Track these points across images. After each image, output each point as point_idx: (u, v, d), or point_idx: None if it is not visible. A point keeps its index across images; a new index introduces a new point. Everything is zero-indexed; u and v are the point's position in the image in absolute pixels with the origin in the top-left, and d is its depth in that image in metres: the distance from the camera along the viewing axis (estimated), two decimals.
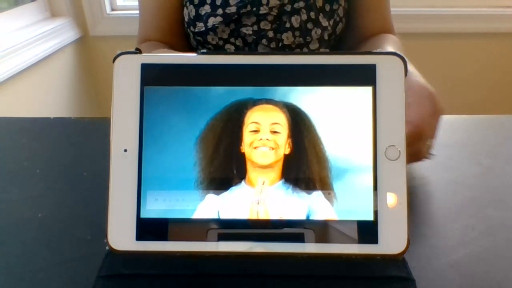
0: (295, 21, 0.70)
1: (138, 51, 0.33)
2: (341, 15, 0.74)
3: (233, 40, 0.72)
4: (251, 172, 0.32)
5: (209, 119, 0.33)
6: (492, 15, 1.62)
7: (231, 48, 0.73)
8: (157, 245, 0.32)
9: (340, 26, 0.75)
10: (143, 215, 0.32)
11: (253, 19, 0.70)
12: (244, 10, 0.69)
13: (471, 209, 0.40)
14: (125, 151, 0.32)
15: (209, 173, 0.32)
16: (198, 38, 0.74)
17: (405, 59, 0.32)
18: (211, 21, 0.70)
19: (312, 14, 0.71)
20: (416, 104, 0.41)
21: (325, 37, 0.73)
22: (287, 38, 0.71)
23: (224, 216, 0.32)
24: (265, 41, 0.71)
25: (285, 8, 0.70)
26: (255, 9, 0.69)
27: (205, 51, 0.33)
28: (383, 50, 0.64)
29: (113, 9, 1.65)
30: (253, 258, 0.32)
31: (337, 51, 0.77)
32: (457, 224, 0.38)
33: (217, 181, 0.32)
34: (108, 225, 0.32)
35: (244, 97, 0.33)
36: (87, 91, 1.67)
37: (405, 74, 0.32)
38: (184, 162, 0.33)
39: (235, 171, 0.32)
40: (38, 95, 1.39)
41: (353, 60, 0.32)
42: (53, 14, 1.56)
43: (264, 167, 0.32)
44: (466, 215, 0.39)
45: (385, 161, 0.31)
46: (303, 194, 0.32)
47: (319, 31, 0.72)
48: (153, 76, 0.33)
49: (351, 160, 0.32)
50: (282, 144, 0.32)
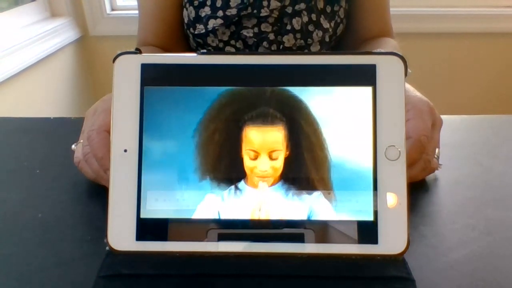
0: (296, 23, 0.70)
1: (138, 51, 0.33)
2: (342, 16, 0.74)
3: (233, 42, 0.72)
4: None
5: (208, 119, 0.33)
6: (492, 15, 1.62)
7: (231, 50, 0.73)
8: (157, 245, 0.32)
9: (341, 27, 0.75)
10: (143, 215, 0.32)
11: (254, 21, 0.70)
12: (244, 12, 0.69)
13: (471, 209, 0.40)
14: (125, 151, 0.32)
15: (209, 173, 0.32)
16: (198, 40, 0.74)
17: (405, 59, 0.32)
18: (211, 23, 0.70)
19: (313, 16, 0.71)
20: (415, 118, 0.41)
21: (326, 39, 0.73)
22: (288, 40, 0.71)
23: (224, 216, 0.32)
24: (265, 43, 0.71)
25: (286, 10, 0.70)
26: (255, 11, 0.69)
27: (205, 51, 0.33)
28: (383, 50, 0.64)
29: (113, 9, 1.65)
30: (253, 258, 0.32)
31: (337, 51, 0.77)
32: (457, 224, 0.38)
33: (217, 181, 0.32)
34: (108, 225, 0.32)
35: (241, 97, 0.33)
36: (87, 91, 1.67)
37: (405, 74, 0.32)
38: (184, 162, 0.33)
39: (235, 172, 0.32)
40: (38, 95, 1.39)
41: (353, 60, 0.32)
42: (53, 14, 1.56)
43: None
44: (466, 215, 0.39)
45: (385, 161, 0.31)
46: (303, 194, 0.32)
47: (320, 33, 0.72)
48: (153, 76, 0.33)
49: (351, 160, 0.32)
50: (281, 159, 0.32)
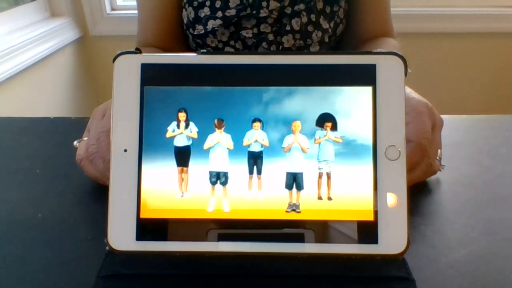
0: (296, 23, 0.70)
1: (138, 51, 0.33)
2: (341, 17, 0.74)
3: (232, 43, 0.72)
4: None
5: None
6: (492, 15, 1.62)
7: (230, 50, 0.73)
8: (157, 245, 0.32)
9: (340, 27, 0.75)
10: (143, 215, 0.32)
11: (253, 22, 0.70)
12: (244, 13, 0.69)
13: (471, 209, 0.40)
14: (125, 151, 0.32)
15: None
16: (197, 40, 0.74)
17: (405, 59, 0.32)
18: (211, 24, 0.70)
19: (312, 16, 0.71)
20: (415, 121, 0.40)
21: (326, 40, 0.73)
22: (288, 41, 0.71)
23: (224, 214, 0.32)
24: (265, 44, 0.71)
25: (285, 10, 0.70)
26: (255, 12, 0.69)
27: (205, 51, 0.33)
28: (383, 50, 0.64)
29: (113, 9, 1.65)
30: (253, 258, 0.32)
31: (337, 51, 0.77)
32: (457, 224, 0.38)
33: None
34: (108, 225, 0.32)
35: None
36: (87, 91, 1.67)
37: (405, 74, 0.32)
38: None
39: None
40: (38, 95, 1.39)
41: (353, 60, 0.32)
42: (53, 14, 1.56)
43: None
44: (466, 215, 0.39)
45: (385, 161, 0.31)
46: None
47: (320, 33, 0.72)
48: (153, 76, 0.33)
49: (351, 160, 0.32)
50: None
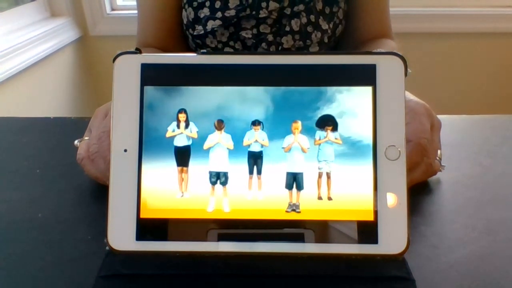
0: (295, 24, 0.70)
1: (138, 51, 0.33)
2: (340, 17, 0.74)
3: (232, 43, 0.72)
4: None
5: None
6: (492, 15, 1.62)
7: (230, 51, 0.73)
8: (157, 245, 0.32)
9: (340, 28, 0.75)
10: (143, 215, 0.32)
11: (253, 23, 0.70)
12: (243, 13, 0.69)
13: (471, 209, 0.40)
14: (125, 151, 0.32)
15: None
16: (196, 41, 0.74)
17: (405, 59, 0.32)
18: (210, 24, 0.70)
19: (312, 17, 0.71)
20: (414, 122, 0.41)
21: (325, 40, 0.73)
22: (287, 41, 0.71)
23: (224, 214, 0.32)
24: (264, 44, 0.71)
25: (285, 11, 0.70)
26: (254, 12, 0.69)
27: (205, 51, 0.33)
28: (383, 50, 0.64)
29: (113, 9, 1.65)
30: (253, 258, 0.32)
31: (337, 51, 0.77)
32: (457, 224, 0.38)
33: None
34: (108, 225, 0.32)
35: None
36: (87, 91, 1.67)
37: (405, 74, 0.32)
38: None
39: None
40: (38, 95, 1.39)
41: (353, 60, 0.32)
42: (53, 14, 1.56)
43: None
44: (466, 215, 0.39)
45: (385, 161, 0.31)
46: None
47: (319, 34, 0.72)
48: (153, 76, 0.33)
49: (351, 160, 0.32)
50: None
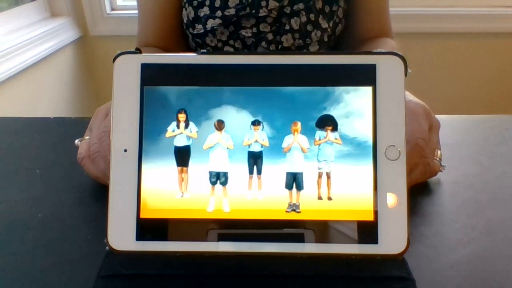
0: (295, 23, 0.70)
1: (138, 51, 0.33)
2: (340, 16, 0.74)
3: (232, 42, 0.72)
4: None
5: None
6: (492, 15, 1.62)
7: (230, 50, 0.73)
8: (157, 245, 0.32)
9: (339, 27, 0.75)
10: (143, 215, 0.32)
11: (253, 22, 0.70)
12: (243, 12, 0.69)
13: (471, 209, 0.40)
14: (125, 151, 0.32)
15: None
16: (196, 40, 0.74)
17: (405, 59, 0.32)
18: (210, 23, 0.70)
19: (311, 16, 0.71)
20: (411, 123, 0.40)
21: (325, 39, 0.73)
22: (287, 40, 0.71)
23: (224, 214, 0.32)
24: (264, 43, 0.71)
25: (285, 10, 0.70)
26: (254, 11, 0.69)
27: (205, 50, 0.33)
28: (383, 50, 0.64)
29: (113, 9, 1.65)
30: (253, 258, 0.32)
31: (337, 51, 0.77)
32: (457, 224, 0.38)
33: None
34: (108, 225, 0.32)
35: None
36: (87, 91, 1.67)
37: (405, 74, 0.32)
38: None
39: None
40: (38, 95, 1.39)
41: (353, 60, 0.32)
42: (53, 14, 1.56)
43: None
44: (466, 215, 0.39)
45: (385, 161, 0.31)
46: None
47: (319, 33, 0.72)
48: (153, 76, 0.33)
49: (351, 160, 0.32)
50: None
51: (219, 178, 0.33)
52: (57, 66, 1.50)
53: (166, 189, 0.32)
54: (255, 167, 0.33)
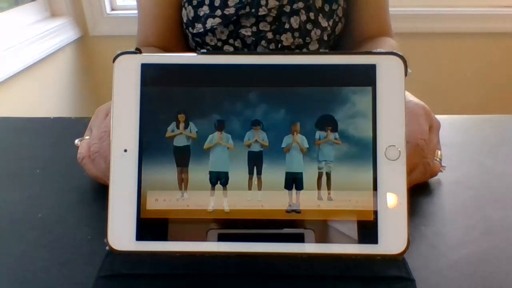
0: (294, 22, 0.70)
1: (138, 51, 0.33)
2: (340, 15, 0.74)
3: (232, 41, 0.72)
4: None
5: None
6: (492, 15, 1.62)
7: (230, 49, 0.73)
8: (157, 245, 0.32)
9: (339, 26, 0.75)
10: (143, 215, 0.32)
11: (252, 21, 0.70)
12: (243, 11, 0.69)
13: (471, 209, 0.40)
14: (125, 151, 0.32)
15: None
16: (196, 39, 0.74)
17: (405, 58, 0.32)
18: (210, 22, 0.70)
19: (311, 14, 0.71)
20: (411, 123, 0.40)
21: (325, 38, 0.73)
22: (286, 39, 0.71)
23: (224, 214, 0.32)
24: (264, 42, 0.71)
25: (284, 9, 0.70)
26: (254, 10, 0.69)
27: (205, 50, 0.33)
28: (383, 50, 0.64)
29: (113, 9, 1.65)
30: (253, 258, 0.32)
31: (337, 51, 0.77)
32: (457, 224, 0.38)
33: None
34: (108, 225, 0.32)
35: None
36: (87, 91, 1.67)
37: (405, 73, 0.32)
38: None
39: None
40: (38, 95, 1.39)
41: (353, 60, 0.32)
42: (53, 14, 1.56)
43: None
44: (466, 215, 0.39)
45: (385, 161, 0.31)
46: None
47: (319, 31, 0.72)
48: (153, 76, 0.33)
49: (351, 160, 0.32)
50: None
51: (219, 178, 0.33)
52: (57, 66, 1.50)
53: (166, 189, 0.32)
54: (255, 167, 0.33)
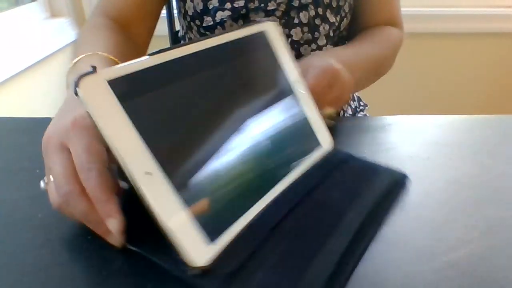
0: (303, 16, 0.71)
1: (93, 69, 0.30)
2: (346, 11, 0.75)
3: None
4: None
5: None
6: (492, 15, 1.62)
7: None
8: (230, 231, 0.33)
9: (345, 21, 0.76)
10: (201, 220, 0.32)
11: (261, 15, 0.70)
12: (252, 5, 0.69)
13: (471, 209, 0.40)
14: (148, 173, 0.30)
15: None
16: (205, 32, 0.74)
17: (278, 24, 0.44)
18: (219, 15, 0.70)
19: (319, 10, 0.72)
20: (312, 74, 0.50)
21: (331, 34, 0.74)
22: (296, 34, 0.71)
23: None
24: None
25: (293, 3, 0.70)
26: (263, 5, 0.69)
27: (154, 51, 0.33)
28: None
29: None
30: None
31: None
32: (457, 224, 0.38)
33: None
34: (181, 252, 0.30)
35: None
36: None
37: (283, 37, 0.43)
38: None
39: None
40: (38, 95, 1.39)
41: (246, 32, 0.42)
42: (53, 14, 1.56)
43: None
44: (466, 215, 0.39)
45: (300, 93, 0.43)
46: None
47: (327, 26, 0.73)
48: (124, 89, 0.31)
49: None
50: None
51: None
52: (57, 66, 1.50)
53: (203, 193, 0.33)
54: None
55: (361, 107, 0.88)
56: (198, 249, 0.31)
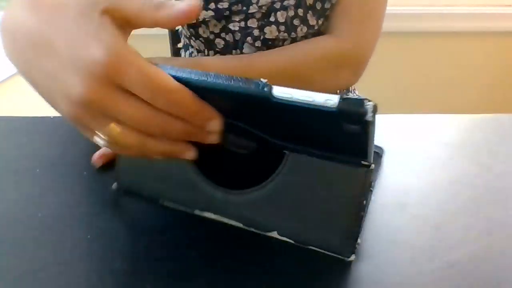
0: (281, 16, 0.70)
1: None
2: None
3: (223, 35, 0.73)
4: None
5: None
6: (492, 14, 1.62)
7: (220, 42, 0.74)
8: None
9: (325, 25, 0.75)
10: None
11: (242, 16, 0.71)
12: (235, 7, 0.69)
13: (471, 209, 0.40)
14: None
15: None
16: (190, 29, 0.75)
17: None
18: (203, 15, 0.71)
19: (300, 11, 0.71)
20: None
21: (309, 37, 0.73)
22: (271, 32, 0.71)
23: None
24: (250, 39, 0.72)
25: (275, 5, 0.70)
26: (245, 8, 0.69)
27: None
28: None
29: None
30: None
31: None
32: (457, 224, 0.38)
33: None
34: None
35: None
36: None
37: None
38: None
39: None
40: (38, 95, 1.39)
41: None
42: None
43: None
44: (466, 215, 0.39)
45: None
46: None
47: (305, 28, 0.72)
48: None
49: None
50: None
51: None
52: None
53: None
54: None
55: None
56: None
